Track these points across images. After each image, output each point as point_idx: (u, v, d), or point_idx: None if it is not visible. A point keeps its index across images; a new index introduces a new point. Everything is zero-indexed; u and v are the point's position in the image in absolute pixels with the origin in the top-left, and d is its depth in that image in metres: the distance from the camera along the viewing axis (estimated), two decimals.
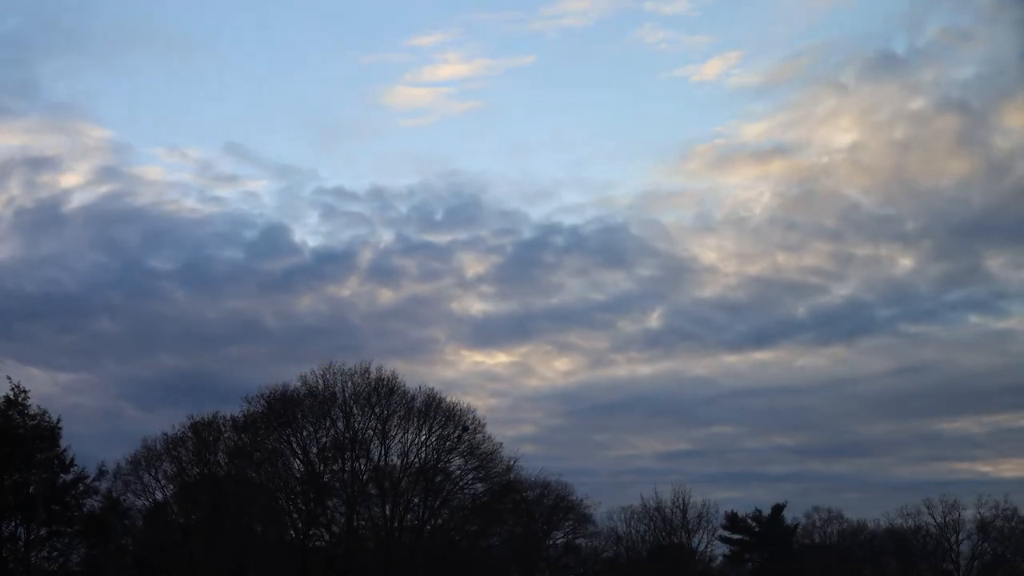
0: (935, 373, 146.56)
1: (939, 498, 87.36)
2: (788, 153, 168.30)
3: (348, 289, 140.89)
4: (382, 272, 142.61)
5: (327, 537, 65.94)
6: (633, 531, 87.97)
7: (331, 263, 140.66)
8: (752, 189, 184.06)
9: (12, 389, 59.06)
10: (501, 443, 67.78)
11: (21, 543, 58.65)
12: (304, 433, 65.22)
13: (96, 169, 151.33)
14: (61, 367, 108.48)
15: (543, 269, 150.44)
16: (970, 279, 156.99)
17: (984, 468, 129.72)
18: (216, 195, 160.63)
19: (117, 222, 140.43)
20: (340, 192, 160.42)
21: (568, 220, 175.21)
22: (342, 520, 65.38)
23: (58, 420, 60.06)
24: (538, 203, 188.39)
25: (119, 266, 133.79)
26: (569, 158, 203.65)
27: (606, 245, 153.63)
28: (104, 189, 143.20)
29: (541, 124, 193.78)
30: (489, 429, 68.57)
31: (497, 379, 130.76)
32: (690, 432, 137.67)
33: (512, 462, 68.47)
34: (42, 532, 58.94)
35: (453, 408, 66.78)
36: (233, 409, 66.83)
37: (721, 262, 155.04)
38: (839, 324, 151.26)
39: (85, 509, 61.07)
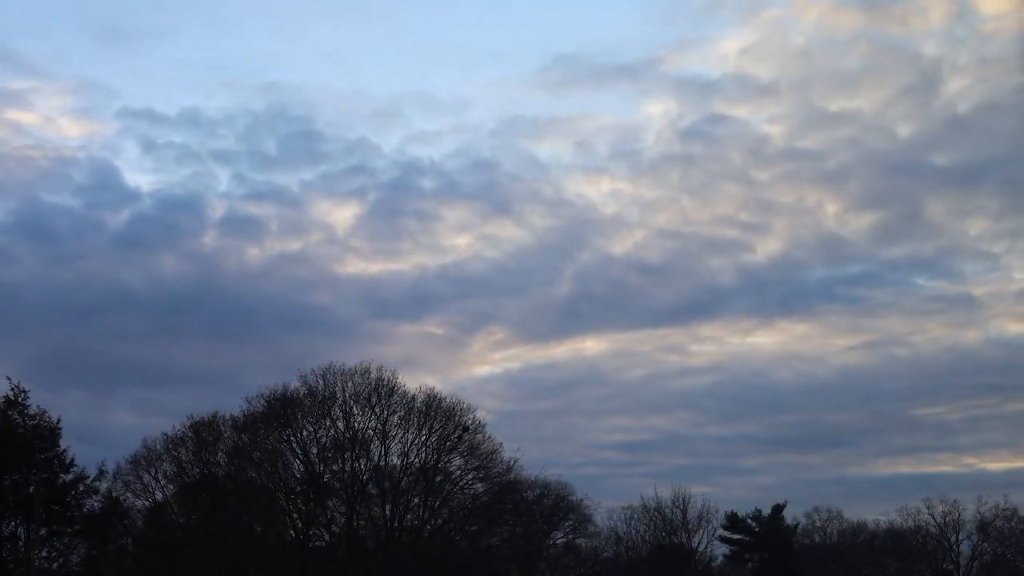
0: (899, 349, 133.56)
1: (939, 497, 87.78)
2: (669, 64, 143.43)
3: (206, 245, 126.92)
4: (236, 224, 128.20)
5: (327, 537, 65.88)
6: (633, 531, 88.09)
7: (176, 212, 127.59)
8: (635, 113, 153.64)
9: (12, 389, 59.13)
10: (501, 443, 67.93)
11: (21, 543, 58.63)
12: (304, 433, 65.19)
13: None
14: None
15: (419, 220, 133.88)
16: (910, 231, 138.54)
17: (969, 460, 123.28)
18: (8, 119, 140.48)
19: None
20: (151, 116, 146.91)
21: (425, 152, 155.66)
22: (342, 520, 65.32)
23: (58, 420, 60.14)
24: (382, 129, 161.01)
25: None
26: (407, 72, 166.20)
27: (483, 189, 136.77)
28: None
29: (366, 25, 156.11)
30: None
31: (424, 354, 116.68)
32: (648, 420, 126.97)
33: (512, 462, 68.55)
34: (42, 532, 58.89)
35: (453, 408, 66.90)
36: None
37: (623, 211, 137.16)
38: (771, 289, 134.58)
39: (85, 509, 61.06)
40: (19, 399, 59.03)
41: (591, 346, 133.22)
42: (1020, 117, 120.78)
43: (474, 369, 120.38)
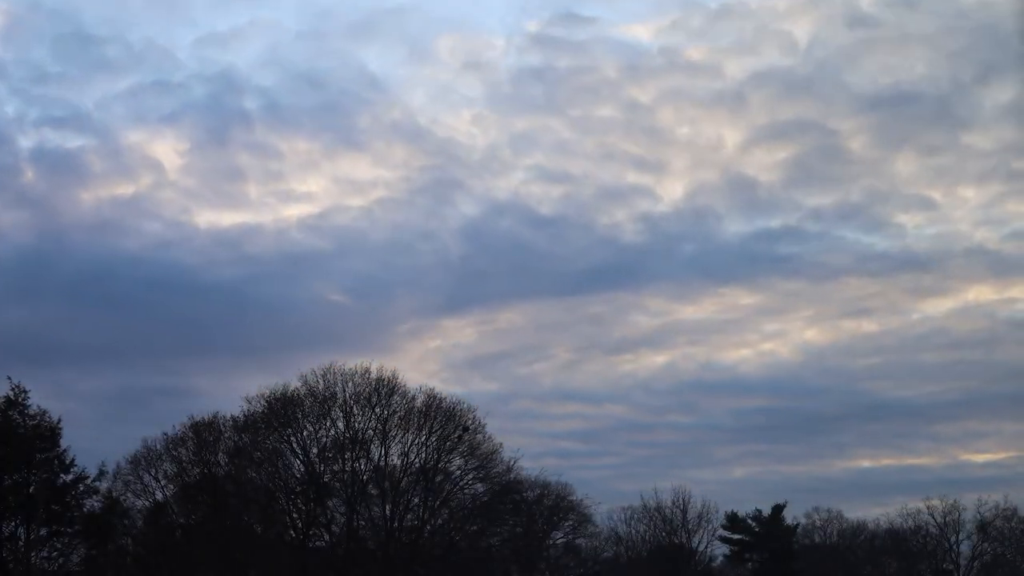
0: (862, 321, 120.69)
1: (939, 497, 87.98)
2: None
3: (28, 187, 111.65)
4: (51, 162, 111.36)
5: (327, 537, 65.91)
6: (633, 531, 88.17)
7: None
8: (470, 5, 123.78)
9: (12, 389, 59.06)
10: (501, 443, 67.95)
11: (21, 543, 58.57)
12: (304, 433, 65.27)
13: None
14: None
15: (254, 156, 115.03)
16: (830, 171, 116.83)
17: (954, 451, 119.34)
18: None
19: None
20: None
21: (227, 60, 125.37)
22: (342, 520, 65.37)
23: (58, 420, 59.96)
24: (166, 28, 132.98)
25: None
26: None
27: (318, 115, 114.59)
28: None
29: None
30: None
31: (331, 328, 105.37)
32: (604, 406, 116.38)
33: (512, 462, 68.58)
34: (42, 532, 58.80)
35: (454, 408, 66.95)
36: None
37: (491, 144, 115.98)
38: (685, 246, 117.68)
39: (85, 509, 60.95)
40: (19, 399, 59.00)
41: (512, 319, 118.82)
42: (939, 16, 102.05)
43: (401, 345, 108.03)
